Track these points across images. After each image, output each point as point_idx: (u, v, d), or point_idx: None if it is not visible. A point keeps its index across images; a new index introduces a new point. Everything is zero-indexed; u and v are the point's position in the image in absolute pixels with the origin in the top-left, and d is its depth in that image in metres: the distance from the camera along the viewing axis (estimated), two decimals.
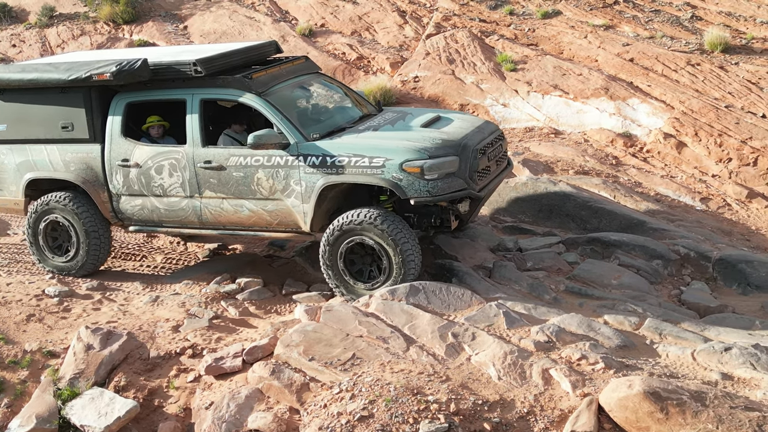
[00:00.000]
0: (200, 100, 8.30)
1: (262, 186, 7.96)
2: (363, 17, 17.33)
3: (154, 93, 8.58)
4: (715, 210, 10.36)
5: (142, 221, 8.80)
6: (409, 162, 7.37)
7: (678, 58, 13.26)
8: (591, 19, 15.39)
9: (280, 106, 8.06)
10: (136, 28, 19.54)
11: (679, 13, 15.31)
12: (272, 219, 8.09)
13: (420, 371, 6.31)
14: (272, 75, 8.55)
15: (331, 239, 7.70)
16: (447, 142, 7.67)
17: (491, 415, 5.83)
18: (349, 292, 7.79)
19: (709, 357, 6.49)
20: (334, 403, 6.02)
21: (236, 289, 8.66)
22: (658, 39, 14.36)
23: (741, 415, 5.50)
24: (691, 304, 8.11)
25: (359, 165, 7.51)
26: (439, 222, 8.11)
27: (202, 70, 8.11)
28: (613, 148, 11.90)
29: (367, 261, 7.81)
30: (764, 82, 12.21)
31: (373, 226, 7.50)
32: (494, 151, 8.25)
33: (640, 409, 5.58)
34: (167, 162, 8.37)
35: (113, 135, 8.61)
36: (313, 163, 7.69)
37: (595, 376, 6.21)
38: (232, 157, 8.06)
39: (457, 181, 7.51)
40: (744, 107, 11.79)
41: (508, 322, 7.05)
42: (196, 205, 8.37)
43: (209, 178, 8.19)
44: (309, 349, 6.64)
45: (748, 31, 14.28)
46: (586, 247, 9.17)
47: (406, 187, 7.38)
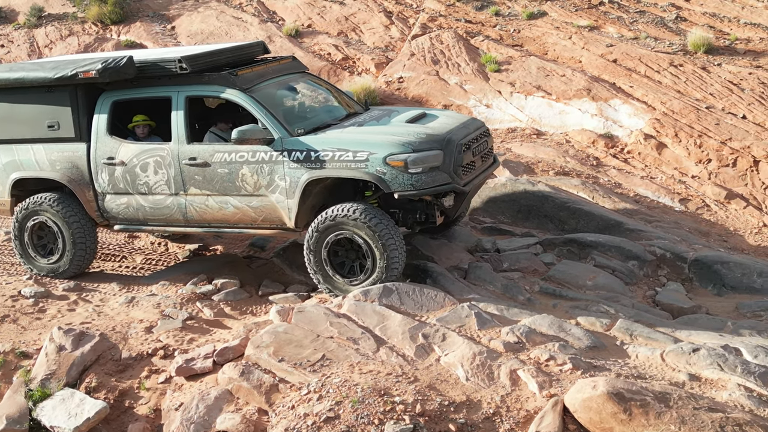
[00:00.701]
0: (185, 97, 8.30)
1: (246, 182, 7.95)
2: (350, 18, 17.34)
3: (140, 91, 8.58)
4: (694, 211, 10.38)
5: (128, 220, 8.79)
6: (393, 156, 7.37)
7: (661, 59, 13.29)
8: (576, 20, 15.42)
9: (265, 103, 8.06)
10: (124, 28, 19.53)
11: (664, 14, 15.35)
12: (257, 215, 8.09)
13: (389, 372, 6.32)
14: (258, 73, 8.56)
15: (315, 235, 7.68)
16: (431, 136, 7.67)
17: (457, 416, 5.85)
18: (334, 287, 7.77)
19: (677, 358, 6.51)
20: (302, 405, 6.03)
21: (212, 290, 8.66)
22: (642, 40, 14.39)
23: (704, 416, 5.52)
24: (665, 305, 8.13)
25: (343, 159, 7.51)
26: (424, 218, 8.09)
27: (187, 67, 8.11)
28: (594, 149, 11.92)
29: (351, 256, 7.79)
30: (746, 83, 12.24)
31: (357, 221, 7.48)
32: (479, 147, 8.24)
33: (603, 410, 5.60)
34: (152, 159, 8.37)
35: (99, 133, 8.61)
36: (297, 158, 7.69)
37: (562, 377, 6.23)
38: (217, 153, 8.06)
39: (441, 175, 7.50)
40: (725, 108, 11.82)
41: (479, 323, 7.06)
42: (181, 202, 8.36)
43: (194, 175, 8.19)
44: (279, 350, 6.65)
45: (731, 32, 14.31)
46: (563, 248, 9.19)
47: (389, 180, 7.38)
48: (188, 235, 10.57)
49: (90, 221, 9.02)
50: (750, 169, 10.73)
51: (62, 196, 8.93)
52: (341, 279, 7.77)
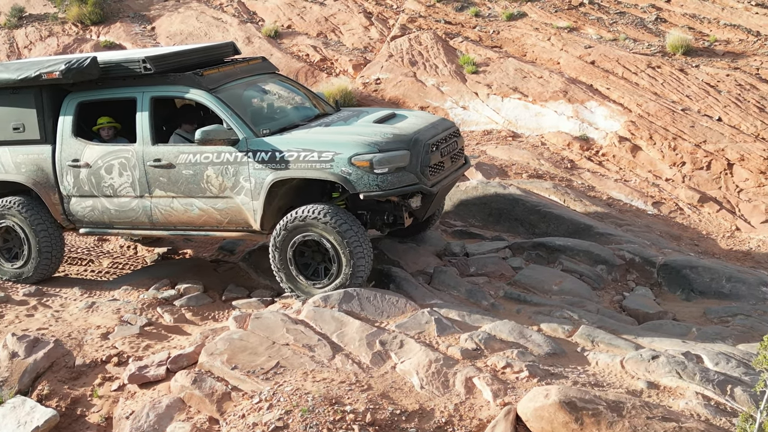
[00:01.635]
0: (150, 97, 8.21)
1: (211, 184, 7.86)
2: (329, 18, 17.23)
3: (105, 92, 8.49)
4: (667, 214, 10.29)
5: (93, 223, 8.67)
6: (358, 156, 7.28)
7: (639, 61, 13.20)
8: (556, 22, 15.33)
9: (231, 103, 7.96)
10: (104, 29, 19.41)
11: (644, 15, 15.27)
12: (222, 218, 7.99)
13: (342, 380, 6.22)
14: (225, 73, 8.47)
15: (281, 236, 7.58)
16: (398, 136, 7.58)
17: (408, 425, 5.74)
18: (299, 290, 7.67)
19: (637, 365, 6.42)
20: (252, 414, 5.92)
21: (175, 295, 8.53)
22: (621, 41, 14.31)
23: (657, 426, 5.43)
24: (631, 311, 8.04)
25: (308, 159, 7.42)
26: (392, 219, 8.00)
27: (152, 67, 8.01)
28: (569, 151, 11.83)
29: (317, 259, 7.70)
30: (723, 85, 12.16)
31: (322, 222, 7.39)
32: (448, 147, 8.13)
33: (555, 420, 5.50)
34: (117, 161, 8.27)
35: (64, 135, 8.52)
36: (262, 159, 7.59)
37: (518, 384, 6.13)
38: (182, 154, 7.96)
39: (408, 175, 7.41)
40: (700, 110, 11.74)
41: (439, 329, 6.96)
42: (146, 205, 8.26)
43: (159, 176, 8.08)
44: (233, 358, 6.54)
45: (711, 34, 14.24)
46: (532, 252, 9.10)
47: (355, 181, 7.29)
48: (162, 238, 10.46)
49: (56, 226, 8.89)
50: (724, 172, 10.65)
51: (28, 200, 8.81)
52: (305, 281, 7.68)
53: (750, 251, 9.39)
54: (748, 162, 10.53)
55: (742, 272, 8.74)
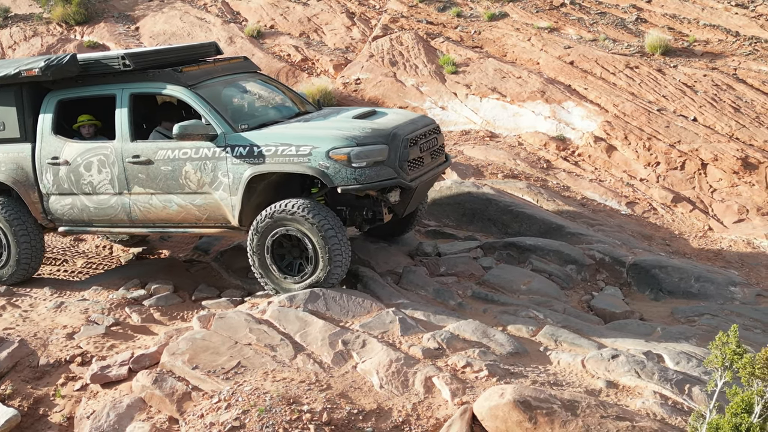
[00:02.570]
0: (130, 94, 8.21)
1: (190, 179, 7.84)
2: (312, 19, 17.23)
3: (85, 90, 8.49)
4: (640, 214, 10.31)
5: (72, 221, 8.65)
6: (336, 149, 7.26)
7: (617, 61, 13.23)
8: (537, 22, 15.34)
9: (210, 99, 7.96)
10: (88, 29, 19.36)
11: (625, 16, 15.29)
12: (201, 214, 7.97)
13: (302, 380, 6.23)
14: (205, 71, 8.48)
15: (258, 231, 7.55)
16: (376, 131, 7.57)
17: (365, 424, 5.76)
18: (277, 286, 7.65)
19: (597, 364, 6.45)
20: (211, 413, 5.93)
21: (144, 295, 8.53)
22: (601, 41, 14.33)
23: (610, 425, 5.45)
24: (599, 310, 8.06)
25: (286, 154, 7.39)
26: (372, 215, 7.99)
27: (131, 64, 8.02)
28: (545, 151, 11.85)
29: (295, 254, 7.67)
30: (699, 86, 12.19)
31: (300, 217, 7.35)
32: (428, 143, 8.10)
33: (509, 419, 5.52)
34: (96, 158, 8.26)
35: (44, 133, 8.51)
36: (240, 154, 7.57)
37: (477, 384, 6.14)
38: (160, 150, 7.96)
39: (386, 169, 7.40)
40: (676, 110, 11.76)
41: (402, 329, 6.98)
42: (125, 202, 8.24)
43: (138, 173, 8.06)
44: (194, 358, 6.55)
45: (691, 34, 14.27)
46: (503, 252, 9.11)
47: (332, 175, 7.26)
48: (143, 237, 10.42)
49: (36, 227, 8.86)
50: (698, 172, 10.67)
51: (8, 200, 8.78)
52: (281, 275, 7.65)
53: (721, 251, 9.42)
54: (721, 162, 10.56)
55: (712, 272, 8.77)
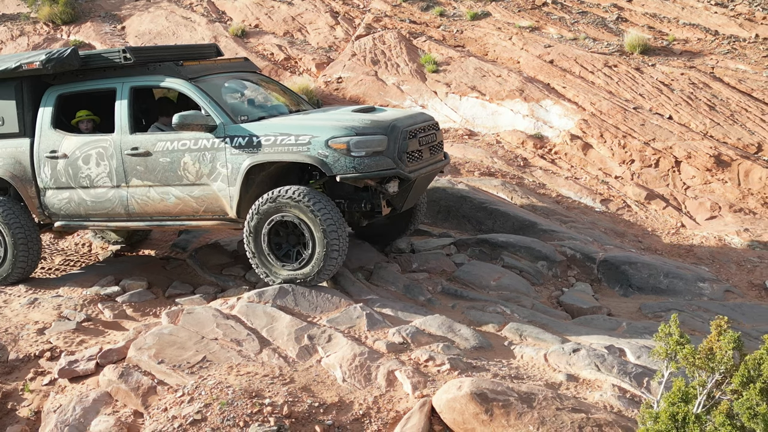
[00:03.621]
0: (130, 87, 8.25)
1: (188, 171, 7.84)
2: (296, 18, 17.29)
3: (85, 84, 8.52)
4: (614, 211, 10.39)
5: (69, 216, 8.63)
6: (336, 138, 7.28)
7: (596, 60, 13.31)
8: (518, 21, 15.42)
9: (209, 92, 7.99)
10: (74, 28, 19.40)
11: (606, 15, 15.37)
12: (199, 206, 7.96)
13: (266, 374, 6.30)
14: (205, 66, 8.54)
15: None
16: (376, 122, 7.58)
17: (325, 417, 5.83)
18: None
19: (559, 358, 6.52)
20: (174, 407, 6.00)
21: (118, 291, 8.59)
22: (581, 41, 14.41)
23: (565, 417, 5.52)
24: (567, 306, 8.14)
25: (285, 143, 7.40)
26: (370, 207, 7.95)
27: (131, 57, 8.06)
28: (523, 149, 11.92)
29: (292, 241, 7.62)
30: (676, 84, 12.28)
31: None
32: (426, 138, 8.10)
33: (466, 411, 5.60)
34: (95, 151, 8.26)
35: (43, 127, 8.53)
36: (239, 144, 7.58)
37: (438, 377, 6.22)
38: (159, 142, 7.97)
39: (385, 160, 7.40)
40: (652, 109, 11.85)
41: (369, 324, 7.06)
42: (122, 195, 8.23)
43: (136, 165, 8.07)
44: (160, 352, 6.62)
45: (670, 33, 14.35)
46: (476, 249, 9.19)
47: (331, 163, 7.26)
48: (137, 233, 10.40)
49: (33, 225, 8.85)
50: (672, 170, 10.76)
51: (5, 199, 8.78)
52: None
53: (693, 248, 9.50)
54: (695, 159, 10.64)
55: (681, 268, 8.85)
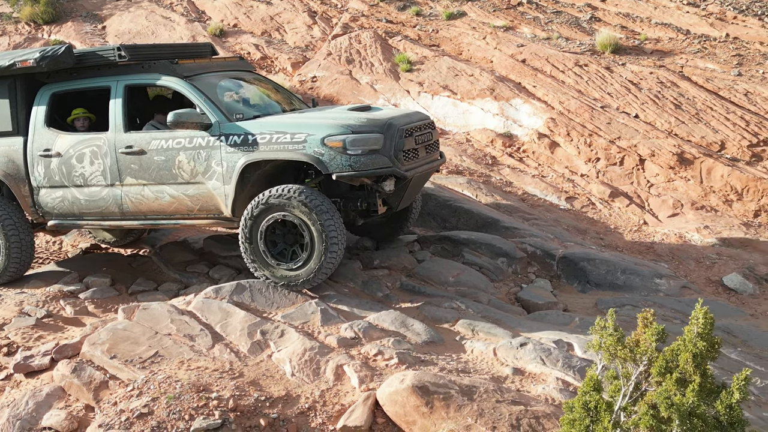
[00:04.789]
0: (125, 85, 8.23)
1: (183, 169, 7.81)
2: (275, 17, 17.37)
3: (80, 82, 8.50)
4: (579, 209, 10.49)
5: (63, 215, 8.60)
6: (332, 137, 7.25)
7: (567, 59, 13.41)
8: (493, 21, 15.53)
9: (204, 90, 7.97)
10: (55, 28, 19.44)
11: (580, 14, 15.48)
12: (194, 204, 7.93)
13: (216, 368, 6.39)
14: (200, 65, 8.52)
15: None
16: (372, 120, 7.57)
17: (271, 411, 5.91)
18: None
19: (506, 352, 6.62)
20: (124, 401, 6.08)
21: (80, 287, 8.67)
22: (554, 40, 14.51)
23: (504, 409, 5.62)
24: (524, 302, 8.23)
25: (281, 141, 7.38)
26: (366, 206, 7.94)
27: (126, 55, 8.04)
28: (492, 148, 12.02)
29: (289, 241, 7.60)
30: (645, 83, 12.39)
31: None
32: (422, 136, 8.09)
33: (407, 403, 5.69)
34: (89, 149, 8.24)
35: (36, 125, 8.50)
36: (234, 143, 7.56)
37: (386, 371, 6.31)
38: (154, 140, 7.94)
39: (381, 158, 7.38)
40: (619, 107, 11.95)
41: (323, 319, 7.15)
42: (116, 193, 8.20)
43: (130, 164, 8.03)
44: (113, 347, 6.70)
45: (642, 32, 14.46)
46: (438, 246, 9.28)
47: (327, 162, 7.24)
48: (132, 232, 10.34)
49: (27, 224, 8.82)
50: (636, 168, 10.86)
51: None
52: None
53: (653, 245, 9.60)
54: (658, 158, 10.75)
55: (639, 265, 8.95)
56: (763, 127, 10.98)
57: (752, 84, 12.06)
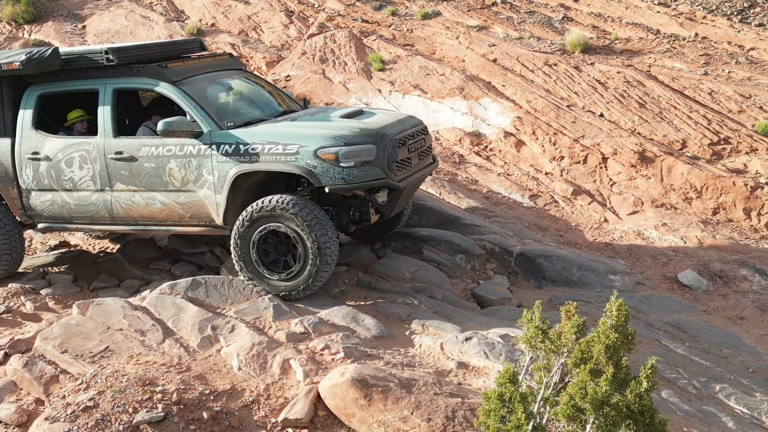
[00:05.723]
0: (113, 89, 8.13)
1: (174, 177, 7.76)
2: (252, 17, 17.47)
3: (67, 84, 8.41)
4: (542, 207, 10.61)
5: (52, 218, 8.56)
6: (324, 149, 7.19)
7: (537, 59, 13.54)
8: (467, 20, 15.65)
9: (195, 95, 7.88)
10: (36, 27, 19.48)
11: (553, 14, 15.62)
12: (184, 212, 7.89)
13: (164, 363, 6.49)
14: (189, 67, 8.42)
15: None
16: (365, 131, 7.51)
17: (215, 404, 6.02)
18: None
19: (453, 347, 6.74)
20: (72, 395, 6.17)
21: (43, 284, 8.76)
22: (526, 40, 14.64)
23: (441, 402, 5.74)
24: (480, 297, 8.35)
25: (273, 152, 7.31)
26: (359, 215, 7.91)
27: (114, 59, 7.94)
28: (460, 146, 12.13)
29: (281, 251, 7.58)
30: (611, 82, 12.51)
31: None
32: (416, 144, 8.07)
33: (346, 396, 5.81)
34: (78, 154, 8.19)
35: (24, 128, 8.43)
36: (226, 152, 7.50)
37: (332, 365, 6.42)
38: (144, 147, 7.88)
39: (374, 170, 7.35)
40: (585, 106, 12.08)
41: (275, 315, 7.25)
42: (106, 199, 8.16)
43: (120, 169, 7.98)
44: (65, 342, 6.80)
45: (613, 32, 14.60)
46: (399, 243, 9.38)
47: (320, 174, 7.19)
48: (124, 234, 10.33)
49: (16, 224, 8.82)
50: (599, 166, 10.98)
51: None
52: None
53: (612, 242, 9.72)
54: (620, 156, 10.87)
55: (595, 261, 9.07)
56: (725, 125, 11.12)
57: (717, 83, 12.20)
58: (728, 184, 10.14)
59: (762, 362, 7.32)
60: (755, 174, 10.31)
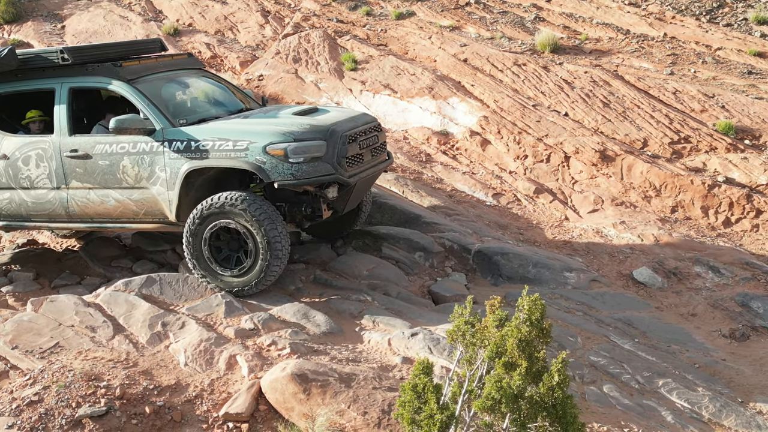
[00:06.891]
0: (69, 88, 8.23)
1: (127, 174, 7.85)
2: (228, 17, 17.56)
3: (23, 84, 8.50)
4: (504, 205, 10.72)
5: (11, 216, 8.65)
6: (273, 145, 7.29)
7: (507, 59, 13.65)
8: (440, 20, 15.76)
9: (149, 94, 7.96)
10: (15, 27, 19.53)
11: (525, 15, 15.74)
12: (138, 209, 7.98)
13: (111, 359, 6.58)
14: (146, 66, 8.51)
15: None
16: (315, 127, 7.59)
17: (158, 399, 6.11)
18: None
19: (399, 342, 6.84)
20: (19, 390, 6.25)
21: (4, 281, 8.83)
22: (497, 40, 14.76)
23: (378, 395, 5.84)
24: (435, 294, 8.44)
25: (223, 149, 7.41)
26: (311, 211, 7.98)
27: (69, 58, 8.05)
28: (428, 145, 12.24)
29: (233, 247, 7.68)
30: (578, 82, 12.63)
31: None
32: (367, 141, 8.17)
33: (286, 390, 5.91)
34: (34, 152, 8.29)
35: None
36: (177, 149, 7.59)
37: (277, 361, 6.51)
38: (98, 144, 7.96)
39: (323, 165, 7.43)
40: (551, 106, 12.19)
41: (227, 312, 7.34)
42: (63, 196, 8.25)
43: (75, 167, 8.07)
44: (16, 338, 6.88)
45: (584, 32, 14.72)
46: (360, 241, 9.48)
47: (269, 170, 7.28)
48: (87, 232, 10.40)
49: None
50: (561, 165, 11.10)
51: None
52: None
53: (571, 239, 9.83)
54: (582, 155, 10.99)
55: (552, 258, 9.18)
56: (686, 125, 11.24)
57: (682, 83, 12.32)
58: (687, 182, 10.27)
59: (709, 358, 7.43)
60: (714, 172, 10.44)
